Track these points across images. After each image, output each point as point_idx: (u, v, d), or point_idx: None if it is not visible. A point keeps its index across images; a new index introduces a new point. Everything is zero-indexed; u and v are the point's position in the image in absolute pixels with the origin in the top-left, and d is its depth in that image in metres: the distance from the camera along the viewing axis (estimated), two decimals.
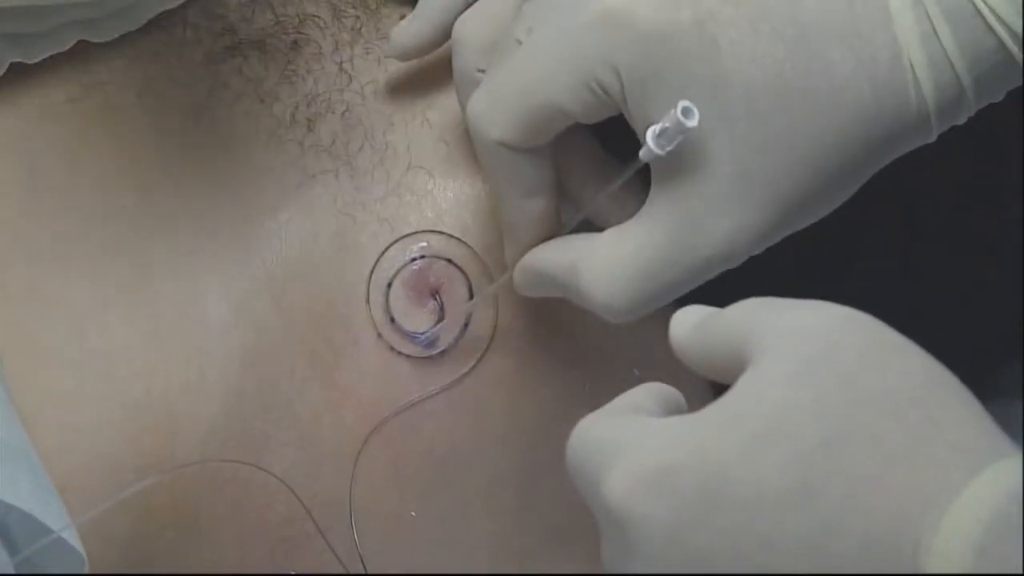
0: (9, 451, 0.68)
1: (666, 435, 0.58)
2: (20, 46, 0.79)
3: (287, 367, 0.78)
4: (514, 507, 0.81)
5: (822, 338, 0.58)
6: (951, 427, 0.55)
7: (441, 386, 0.78)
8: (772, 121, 0.67)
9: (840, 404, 0.55)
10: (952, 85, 0.67)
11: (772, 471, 0.55)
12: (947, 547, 0.52)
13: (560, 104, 0.69)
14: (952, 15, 0.66)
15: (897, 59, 0.67)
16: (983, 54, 0.67)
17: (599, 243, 0.71)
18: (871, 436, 0.54)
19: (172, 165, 0.79)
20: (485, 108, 0.71)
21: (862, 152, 0.69)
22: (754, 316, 0.60)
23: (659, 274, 0.69)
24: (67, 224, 0.78)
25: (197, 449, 0.76)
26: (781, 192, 0.68)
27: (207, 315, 0.78)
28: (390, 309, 0.78)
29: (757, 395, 0.57)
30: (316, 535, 0.76)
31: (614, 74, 0.68)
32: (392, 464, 0.79)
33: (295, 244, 0.79)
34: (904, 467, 0.54)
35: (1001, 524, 0.51)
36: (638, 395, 0.63)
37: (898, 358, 0.57)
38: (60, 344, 0.76)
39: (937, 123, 0.69)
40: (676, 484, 0.56)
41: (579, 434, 0.62)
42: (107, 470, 0.74)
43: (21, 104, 0.80)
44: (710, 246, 0.69)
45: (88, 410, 0.75)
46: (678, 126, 0.65)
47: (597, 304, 0.70)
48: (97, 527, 0.71)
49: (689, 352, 0.63)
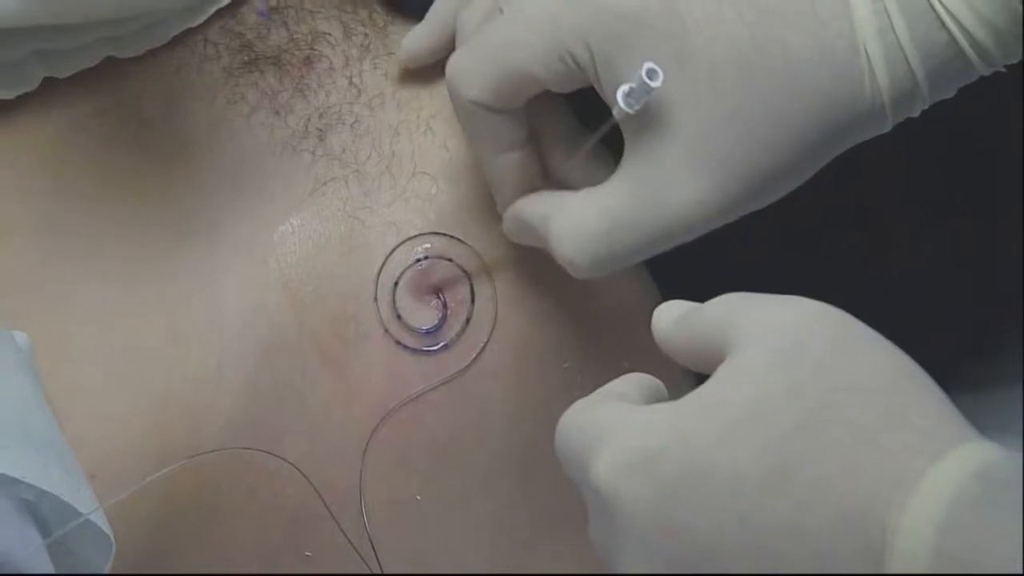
0: (41, 440, 0.68)
1: (650, 421, 0.58)
2: (51, 62, 0.79)
3: (300, 362, 0.78)
4: (513, 492, 0.81)
5: (796, 330, 0.58)
6: (917, 413, 0.55)
7: (444, 378, 0.78)
8: (734, 97, 0.68)
9: (813, 392, 0.55)
10: (906, 77, 0.67)
11: (750, 454, 0.55)
12: (913, 525, 0.52)
13: (532, 71, 0.70)
14: (907, 9, 0.66)
15: (855, 49, 0.67)
16: (936, 49, 0.66)
17: (570, 201, 0.72)
18: (842, 422, 0.55)
19: (193, 173, 0.79)
20: (461, 68, 0.72)
21: (819, 135, 0.68)
22: (732, 310, 0.60)
23: (621, 236, 0.70)
24: (95, 230, 0.77)
25: (216, 439, 0.76)
26: (739, 167, 0.68)
27: (225, 314, 0.77)
28: (396, 307, 0.78)
29: (735, 384, 0.57)
30: (327, 518, 0.76)
31: (585, 48, 0.68)
32: (398, 452, 0.79)
33: (308, 246, 0.78)
34: (873, 450, 0.54)
35: (963, 503, 0.52)
36: (622, 384, 0.64)
37: (867, 349, 0.58)
38: (88, 341, 0.76)
39: (892, 113, 0.68)
40: (659, 466, 0.57)
41: (567, 420, 0.63)
42: (132, 458, 0.74)
43: (52, 117, 0.79)
44: (669, 213, 0.69)
45: (114, 403, 0.75)
46: (643, 86, 0.65)
47: (562, 258, 0.71)
48: (123, 511, 0.70)
49: (671, 344, 0.63)
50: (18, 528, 0.65)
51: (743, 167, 0.68)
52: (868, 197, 0.74)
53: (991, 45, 0.66)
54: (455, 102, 0.73)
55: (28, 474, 0.65)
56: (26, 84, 0.79)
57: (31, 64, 0.79)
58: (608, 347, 0.81)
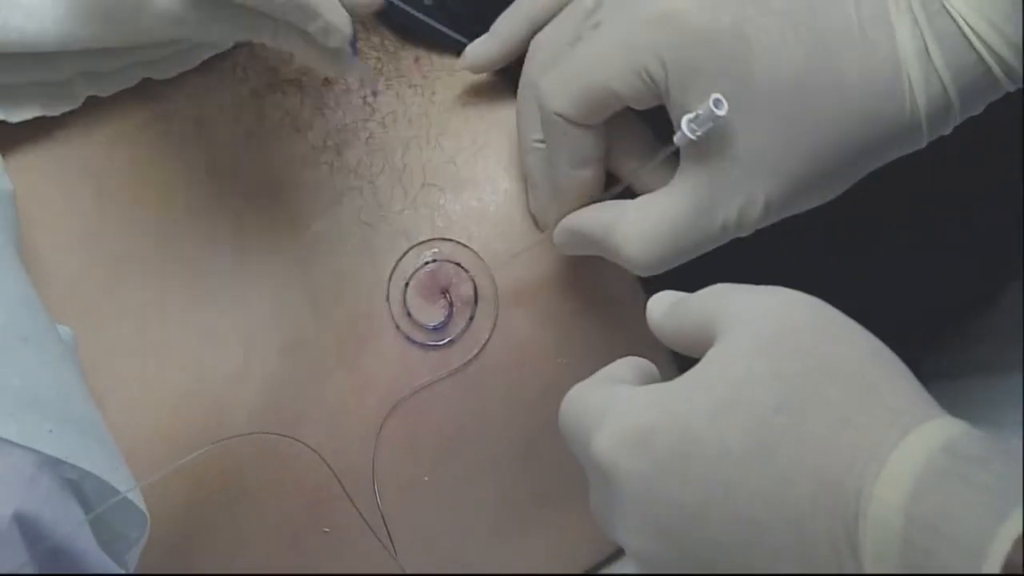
0: (84, 425, 0.68)
1: (645, 401, 0.59)
2: (94, 83, 0.79)
3: (318, 356, 0.78)
4: (513, 475, 0.81)
5: (778, 318, 0.58)
6: (889, 393, 0.56)
7: (450, 371, 0.78)
8: (789, 115, 0.68)
9: (794, 374, 0.56)
10: (941, 96, 0.67)
11: (736, 432, 0.56)
12: (885, 493, 0.52)
13: (612, 87, 0.70)
14: (940, 33, 0.67)
15: (897, 71, 0.67)
16: (966, 69, 0.67)
17: (633, 208, 0.72)
18: (821, 401, 0.55)
19: (222, 184, 0.79)
20: (551, 84, 0.72)
21: (861, 150, 0.69)
22: (720, 299, 0.61)
23: (682, 236, 0.70)
24: (133, 235, 0.78)
25: (241, 425, 0.76)
26: (788, 178, 0.69)
27: (250, 312, 0.77)
28: (407, 305, 0.78)
29: (722, 367, 0.58)
30: (343, 498, 0.76)
31: (661, 65, 0.68)
32: (408, 438, 0.79)
33: (326, 251, 0.78)
34: (849, 427, 0.54)
35: (932, 474, 0.52)
36: (619, 367, 0.64)
37: (844, 335, 0.58)
38: (127, 336, 0.76)
39: (928, 130, 0.69)
40: (654, 442, 0.57)
41: (569, 401, 0.63)
42: (166, 442, 0.74)
43: (94, 132, 0.79)
44: (725, 216, 0.69)
45: (150, 392, 0.75)
46: (709, 114, 0.66)
47: (628, 258, 0.71)
48: (157, 490, 0.70)
49: (663, 330, 0.64)
50: (63, 504, 0.65)
51: (792, 179, 0.69)
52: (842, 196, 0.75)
53: (1016, 63, 0.67)
54: (543, 115, 0.73)
55: (72, 456, 0.66)
56: (71, 102, 0.79)
57: (76, 84, 0.79)
58: (599, 343, 0.80)
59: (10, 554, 0.63)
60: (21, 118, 0.78)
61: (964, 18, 0.66)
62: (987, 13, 0.66)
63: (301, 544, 0.79)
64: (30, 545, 0.63)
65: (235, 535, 0.78)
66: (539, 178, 0.76)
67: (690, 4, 0.68)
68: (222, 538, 0.78)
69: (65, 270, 0.76)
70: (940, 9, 0.66)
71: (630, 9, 0.69)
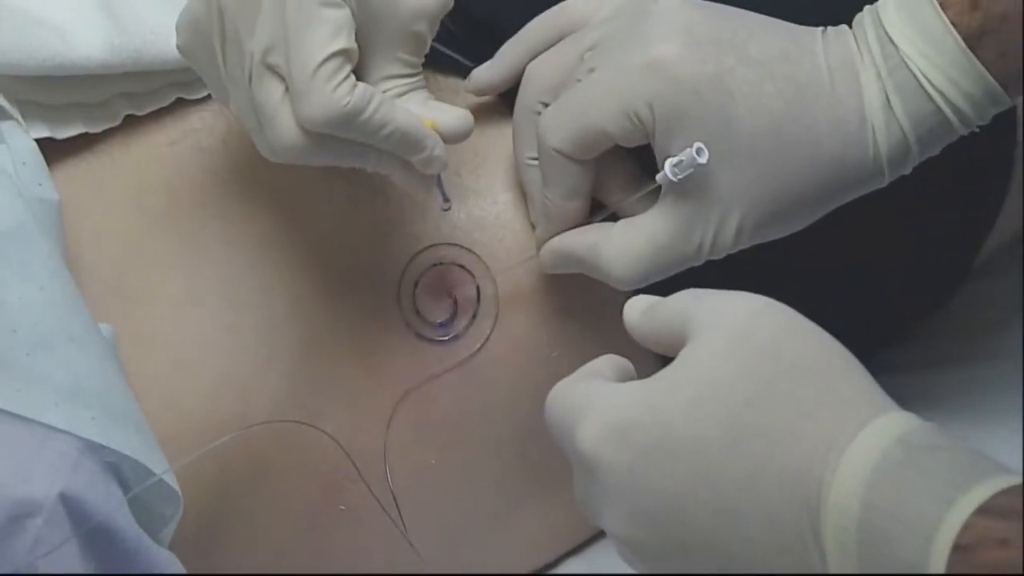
0: (123, 414, 0.68)
1: (624, 397, 0.59)
2: (132, 102, 0.80)
3: (335, 350, 0.78)
4: (512, 459, 0.81)
5: (745, 321, 0.58)
6: (847, 390, 0.56)
7: (455, 364, 0.78)
8: (765, 159, 0.68)
9: (760, 372, 0.56)
10: (901, 143, 0.68)
11: (709, 425, 0.56)
12: (844, 481, 0.52)
13: (605, 128, 0.70)
14: (901, 86, 0.67)
15: (862, 121, 0.68)
16: (924, 118, 0.67)
17: (615, 231, 0.72)
18: (786, 397, 0.55)
19: (247, 194, 0.79)
20: (549, 122, 0.72)
21: (828, 190, 0.70)
22: (692, 303, 0.61)
23: (660, 258, 0.71)
24: (167, 240, 0.77)
25: (266, 414, 0.76)
26: (760, 213, 0.69)
27: (274, 310, 0.77)
28: (416, 304, 0.78)
29: (696, 366, 0.58)
30: (358, 479, 0.76)
31: (649, 109, 0.69)
32: (417, 425, 0.79)
33: (343, 255, 0.78)
34: (811, 421, 0.54)
35: (886, 463, 0.52)
36: (599, 364, 0.64)
37: (804, 336, 0.58)
38: (161, 333, 0.76)
39: (888, 172, 0.69)
40: (633, 436, 0.57)
41: (554, 396, 0.63)
42: (197, 429, 0.74)
43: (132, 147, 0.79)
44: (700, 242, 0.70)
45: (181, 384, 0.75)
46: (691, 161, 0.67)
47: (612, 276, 0.72)
48: (189, 473, 0.70)
49: (639, 332, 0.63)
50: (104, 485, 0.66)
51: (763, 214, 0.69)
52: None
53: (969, 111, 0.67)
54: (540, 149, 0.74)
55: (112, 441, 0.66)
56: (111, 120, 0.79)
57: (116, 104, 0.79)
58: (589, 337, 0.80)
59: (56, 530, 0.63)
60: (67, 135, 0.78)
61: (922, 71, 0.67)
62: (942, 66, 0.66)
63: (319, 521, 0.79)
64: (74, 522, 0.64)
65: (259, 513, 0.78)
66: (534, 192, 0.76)
67: (676, 54, 0.68)
68: (247, 516, 0.78)
69: (105, 273, 0.76)
70: (900, 63, 0.67)
71: (623, 56, 0.70)
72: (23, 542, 0.63)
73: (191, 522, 0.71)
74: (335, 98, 0.65)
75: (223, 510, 0.77)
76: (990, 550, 0.48)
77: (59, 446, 0.65)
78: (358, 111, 0.66)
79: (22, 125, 0.75)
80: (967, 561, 0.48)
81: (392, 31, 0.69)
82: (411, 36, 0.69)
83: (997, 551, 0.48)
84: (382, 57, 0.69)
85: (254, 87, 0.67)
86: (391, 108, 0.67)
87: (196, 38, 0.69)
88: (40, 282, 0.68)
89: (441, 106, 0.71)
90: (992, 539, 0.48)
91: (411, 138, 0.68)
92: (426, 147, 0.69)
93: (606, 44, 0.72)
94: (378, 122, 0.66)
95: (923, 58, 0.66)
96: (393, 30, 0.69)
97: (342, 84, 0.65)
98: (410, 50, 0.69)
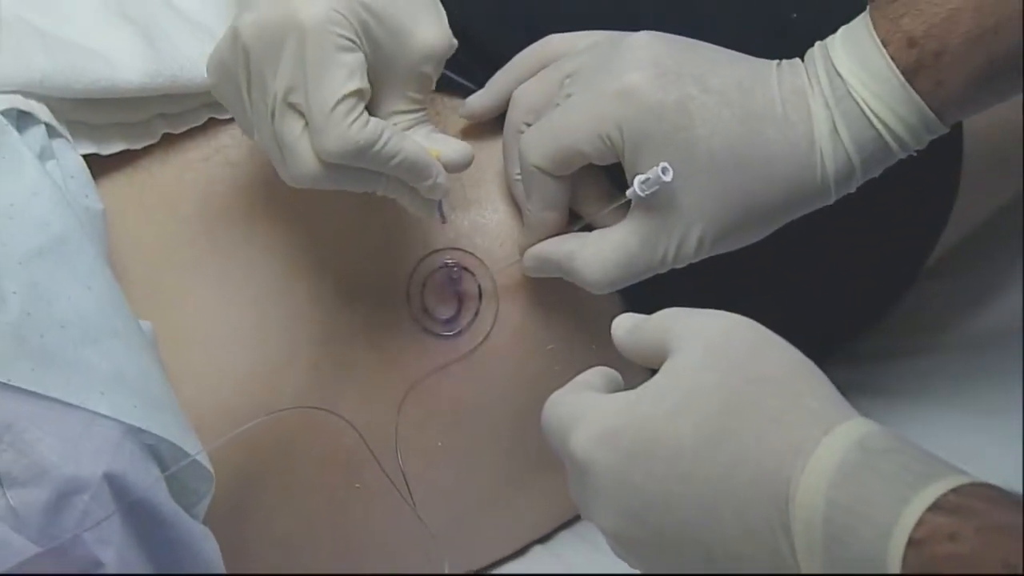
0: (161, 401, 0.69)
1: (612, 406, 0.59)
2: (169, 122, 0.80)
3: (351, 344, 0.78)
4: (512, 441, 0.82)
5: (720, 337, 0.58)
6: (812, 399, 0.56)
7: (459, 356, 0.78)
8: (723, 177, 0.69)
9: (734, 383, 0.56)
10: (846, 165, 0.69)
11: (687, 431, 0.56)
12: (810, 481, 0.53)
13: (580, 148, 0.70)
14: (847, 115, 0.68)
15: (811, 145, 0.68)
16: (867, 143, 0.68)
17: (590, 240, 0.72)
18: (757, 406, 0.55)
19: (272, 205, 0.78)
20: (530, 142, 0.73)
21: (781, 207, 0.70)
22: (673, 321, 0.61)
23: (630, 266, 0.71)
24: (199, 246, 0.78)
25: (289, 401, 0.76)
26: (719, 227, 0.70)
27: (297, 308, 0.77)
28: (424, 302, 0.78)
29: (676, 378, 0.58)
30: (372, 460, 0.76)
31: (619, 131, 0.69)
32: (425, 411, 0.79)
33: (359, 258, 0.78)
34: (781, 427, 0.55)
35: (847, 465, 0.53)
36: (590, 376, 0.64)
37: (773, 350, 0.58)
38: (196, 329, 0.76)
39: (835, 191, 0.70)
40: (620, 441, 0.57)
41: (550, 406, 0.63)
42: (227, 415, 0.74)
43: (168, 162, 0.79)
44: (665, 252, 0.70)
45: (213, 375, 0.75)
46: (657, 179, 0.67)
47: (586, 280, 0.72)
48: (221, 454, 0.70)
49: (626, 347, 0.64)
50: (144, 465, 0.66)
51: (722, 228, 0.70)
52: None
53: (907, 136, 0.68)
54: (522, 166, 0.74)
55: (152, 426, 0.67)
56: (151, 138, 0.79)
57: (155, 123, 0.79)
58: (579, 333, 0.80)
59: (101, 505, 0.64)
60: (110, 151, 0.78)
61: (865, 101, 0.67)
62: (884, 97, 0.67)
63: (336, 497, 0.79)
64: (117, 498, 0.65)
65: (283, 490, 0.78)
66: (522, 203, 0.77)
67: (644, 83, 0.68)
68: (272, 493, 0.78)
69: (145, 275, 0.76)
70: (846, 94, 0.67)
71: (597, 84, 0.70)
72: (72, 516, 0.63)
73: (222, 498, 0.71)
74: (350, 133, 0.66)
75: (251, 488, 0.77)
76: (941, 544, 0.49)
77: (103, 430, 0.65)
78: (371, 144, 0.67)
79: (71, 143, 0.74)
80: (921, 553, 0.49)
81: (402, 72, 0.69)
82: (419, 76, 0.70)
83: (948, 544, 0.48)
84: (392, 94, 0.70)
85: (276, 123, 0.67)
86: (400, 140, 0.68)
87: (224, 78, 0.70)
88: (87, 283, 0.68)
89: (445, 139, 0.71)
90: (943, 534, 0.49)
91: (418, 167, 0.69)
92: (431, 175, 0.69)
93: (583, 73, 0.72)
94: (388, 153, 0.67)
95: (866, 90, 0.67)
96: (403, 71, 0.69)
97: (356, 120, 0.66)
98: (417, 88, 0.70)
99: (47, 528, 0.63)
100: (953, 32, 0.65)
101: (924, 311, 1.01)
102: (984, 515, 0.49)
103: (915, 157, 0.70)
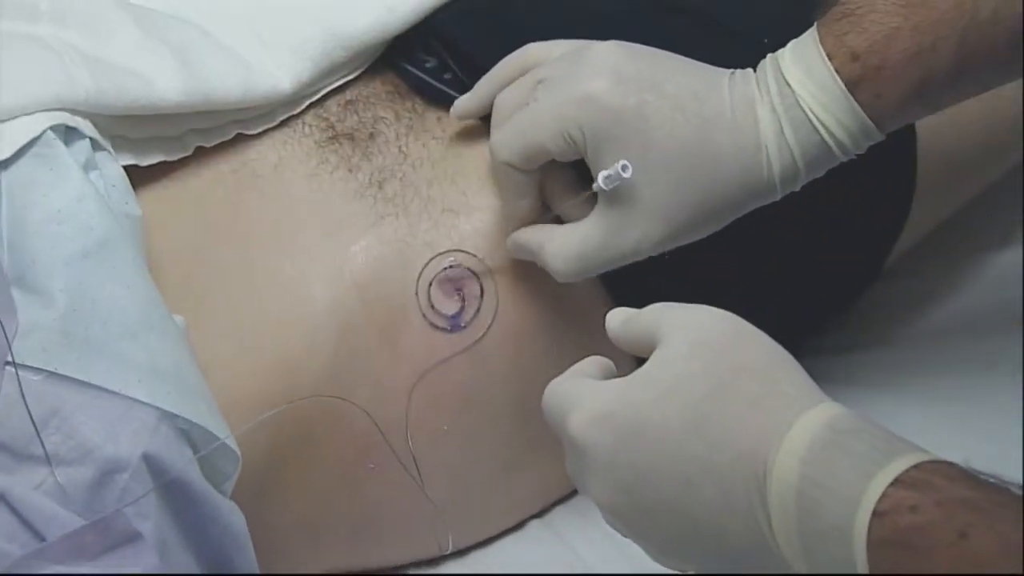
0: (193, 388, 0.69)
1: (606, 392, 0.59)
2: (201, 136, 0.80)
3: (365, 338, 0.78)
4: (512, 425, 0.82)
5: (704, 329, 0.59)
6: (788, 385, 0.56)
7: (462, 349, 0.78)
8: (677, 176, 0.69)
9: (716, 371, 0.57)
10: (791, 167, 0.69)
11: (675, 414, 0.56)
12: (785, 459, 0.53)
13: (545, 145, 0.71)
14: (793, 121, 0.68)
15: (759, 147, 0.68)
16: (811, 147, 0.68)
17: (557, 232, 0.73)
18: (738, 391, 0.56)
19: (295, 211, 0.79)
20: (500, 141, 0.73)
21: (730, 203, 0.70)
22: (661, 314, 0.61)
23: (593, 257, 0.71)
24: (228, 248, 0.78)
25: (309, 390, 0.76)
26: (674, 221, 0.70)
27: (316, 304, 0.77)
28: (431, 300, 0.79)
29: (664, 366, 0.58)
30: (384, 443, 0.76)
31: (581, 132, 0.69)
32: (432, 398, 0.79)
33: (371, 260, 0.78)
34: (758, 410, 0.55)
35: (817, 444, 0.53)
36: (586, 365, 0.64)
37: (752, 341, 0.58)
38: (222, 325, 0.76)
39: (780, 190, 0.70)
40: (614, 422, 0.58)
41: (549, 391, 0.63)
42: (253, 402, 0.74)
43: (200, 173, 0.80)
44: (626, 244, 0.70)
45: (240, 366, 0.75)
46: (617, 175, 0.68)
47: (553, 270, 0.73)
48: (247, 438, 0.70)
49: (619, 338, 0.64)
50: (178, 447, 0.67)
51: (677, 223, 0.70)
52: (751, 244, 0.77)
53: (848, 142, 0.68)
54: (494, 162, 0.74)
55: (184, 411, 0.67)
56: (184, 151, 0.79)
57: (188, 137, 0.80)
58: (573, 328, 0.81)
59: (139, 483, 0.64)
60: (148, 163, 0.78)
61: (811, 108, 0.67)
62: (828, 106, 0.67)
63: (352, 477, 0.79)
64: (154, 477, 0.65)
65: (303, 471, 0.78)
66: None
67: (604, 88, 0.69)
68: (293, 473, 0.78)
69: (178, 275, 0.76)
70: (793, 102, 0.67)
71: (561, 89, 0.71)
72: (112, 493, 0.64)
73: (247, 477, 0.71)
74: None
75: (274, 469, 0.77)
76: (903, 515, 0.49)
77: (141, 415, 0.65)
78: None
79: (112, 155, 0.74)
80: (884, 524, 0.49)
81: None
82: None
83: (909, 516, 0.49)
84: None
85: None
86: None
87: None
88: (127, 282, 0.69)
89: None
90: (905, 506, 0.49)
91: None
92: None
93: (551, 78, 0.72)
94: None
95: (812, 99, 0.67)
96: None
97: None
98: None
99: (91, 503, 0.63)
100: (893, 48, 0.65)
101: (883, 308, 1.01)
102: (943, 489, 0.49)
103: (872, 166, 0.71)
